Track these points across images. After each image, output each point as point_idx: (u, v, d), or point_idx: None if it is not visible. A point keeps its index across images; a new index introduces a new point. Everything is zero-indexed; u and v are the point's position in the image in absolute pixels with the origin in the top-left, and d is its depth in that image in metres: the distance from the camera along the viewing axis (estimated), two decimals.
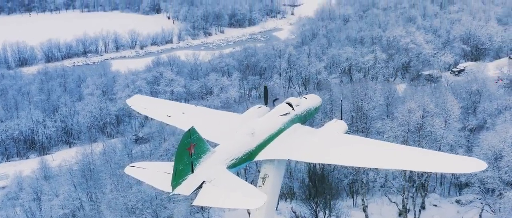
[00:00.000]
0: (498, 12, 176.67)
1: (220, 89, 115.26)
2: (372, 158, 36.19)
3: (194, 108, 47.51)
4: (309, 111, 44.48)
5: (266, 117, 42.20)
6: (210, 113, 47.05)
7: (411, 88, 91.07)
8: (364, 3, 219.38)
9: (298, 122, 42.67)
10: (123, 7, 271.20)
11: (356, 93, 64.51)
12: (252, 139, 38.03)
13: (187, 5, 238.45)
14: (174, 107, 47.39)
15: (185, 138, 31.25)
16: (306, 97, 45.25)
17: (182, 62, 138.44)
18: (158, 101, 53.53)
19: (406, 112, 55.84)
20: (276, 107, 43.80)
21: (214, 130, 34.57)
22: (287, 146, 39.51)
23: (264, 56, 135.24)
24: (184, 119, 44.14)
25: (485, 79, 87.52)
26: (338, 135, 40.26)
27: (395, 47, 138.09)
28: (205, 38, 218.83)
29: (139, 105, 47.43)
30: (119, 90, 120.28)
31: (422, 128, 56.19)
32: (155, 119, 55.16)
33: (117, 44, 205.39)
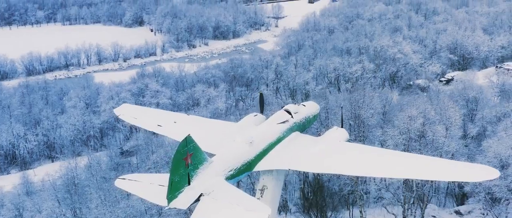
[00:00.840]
0: (483, 22, 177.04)
1: (207, 101, 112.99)
2: (378, 167, 34.04)
3: (186, 117, 45.10)
4: (308, 119, 42.34)
5: (264, 124, 39.89)
6: (203, 122, 44.65)
7: (405, 96, 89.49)
8: (348, 14, 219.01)
9: (297, 130, 40.45)
10: (105, 20, 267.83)
11: (354, 100, 62.63)
12: (250, 148, 35.73)
13: (170, 17, 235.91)
14: (165, 117, 44.94)
15: (181, 147, 28.87)
16: (305, 104, 43.07)
17: (167, 74, 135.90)
18: (148, 110, 51.01)
19: (407, 119, 53.98)
20: (274, 114, 41.52)
21: (209, 139, 32.30)
22: (287, 155, 37.26)
23: (251, 67, 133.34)
24: (176, 129, 41.70)
25: (481, 86, 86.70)
26: (340, 143, 38.16)
27: (383, 57, 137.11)
28: (189, 51, 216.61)
29: (127, 115, 44.88)
30: (103, 103, 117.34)
31: (423, 136, 54.38)
32: (145, 129, 52.77)
33: (99, 57, 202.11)
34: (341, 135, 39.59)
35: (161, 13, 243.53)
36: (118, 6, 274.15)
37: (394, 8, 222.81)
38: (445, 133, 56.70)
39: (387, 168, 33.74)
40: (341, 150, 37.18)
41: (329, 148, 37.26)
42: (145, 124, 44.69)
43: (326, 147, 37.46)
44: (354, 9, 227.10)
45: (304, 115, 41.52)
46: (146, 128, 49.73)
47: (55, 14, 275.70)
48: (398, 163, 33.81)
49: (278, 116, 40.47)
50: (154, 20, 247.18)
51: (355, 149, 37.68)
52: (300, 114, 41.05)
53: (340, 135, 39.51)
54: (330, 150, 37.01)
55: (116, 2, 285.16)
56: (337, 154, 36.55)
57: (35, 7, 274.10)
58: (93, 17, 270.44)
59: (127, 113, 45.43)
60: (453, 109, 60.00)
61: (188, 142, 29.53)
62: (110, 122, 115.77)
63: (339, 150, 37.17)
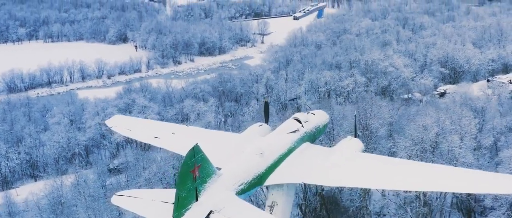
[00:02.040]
0: (472, 35, 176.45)
1: (197, 115, 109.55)
2: (401, 179, 30.77)
3: (186, 128, 41.56)
4: (318, 128, 39.01)
5: (274, 134, 36.47)
6: (205, 133, 41.03)
7: (408, 108, 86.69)
8: (335, 30, 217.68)
9: (307, 140, 37.12)
10: (88, 37, 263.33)
11: (362, 110, 59.61)
12: (261, 160, 32.36)
13: (155, 33, 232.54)
14: (162, 128, 41.35)
15: (189, 157, 25.55)
16: (314, 113, 39.74)
17: (154, 89, 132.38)
18: (142, 121, 47.27)
19: (421, 129, 50.98)
20: (284, 123, 38.16)
21: (213, 151, 28.85)
22: (300, 168, 33.89)
23: (241, 82, 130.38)
24: (176, 141, 38.17)
25: (488, 96, 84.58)
26: (356, 154, 34.94)
27: (374, 71, 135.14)
28: (175, 67, 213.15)
29: (120, 127, 41.15)
30: (88, 119, 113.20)
31: (437, 146, 51.42)
32: (140, 141, 48.87)
33: (83, 74, 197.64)
34: (356, 145, 36.29)
35: (145, 29, 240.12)
36: (101, 23, 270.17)
37: (381, 23, 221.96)
38: (460, 143, 53.89)
39: (410, 180, 30.51)
40: (357, 161, 33.88)
41: (345, 159, 33.95)
42: (140, 135, 41.03)
43: (341, 158, 34.15)
44: (341, 24, 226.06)
45: (314, 124, 38.20)
46: (141, 140, 45.95)
47: (37, 31, 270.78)
48: (420, 174, 30.63)
49: (288, 125, 37.09)
50: (138, 36, 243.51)
51: (373, 159, 34.40)
52: (310, 123, 37.73)
53: (354, 145, 36.21)
54: (346, 162, 33.71)
55: (99, 19, 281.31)
56: (354, 165, 33.25)
57: (16, 24, 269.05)
58: (76, 34, 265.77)
59: (120, 124, 41.72)
60: (468, 117, 57.30)
61: (196, 152, 26.11)
62: (95, 138, 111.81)
63: (355, 161, 33.87)
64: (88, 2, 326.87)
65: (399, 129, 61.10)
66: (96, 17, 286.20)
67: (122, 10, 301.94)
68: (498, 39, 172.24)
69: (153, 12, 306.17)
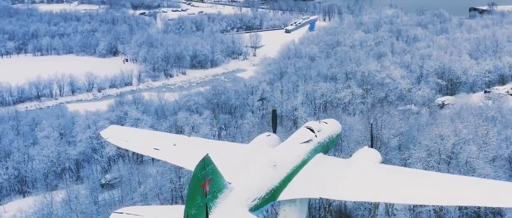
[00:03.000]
0: (467, 47, 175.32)
1: (191, 128, 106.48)
2: (428, 193, 27.94)
3: (188, 139, 38.79)
4: (331, 139, 36.29)
5: (286, 145, 33.64)
6: (209, 144, 38.23)
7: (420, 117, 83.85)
8: (329, 42, 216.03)
9: (321, 151, 34.33)
10: (78, 50, 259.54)
11: (373, 120, 56.75)
12: (274, 172, 29.41)
13: (146, 46, 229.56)
14: (161, 139, 38.57)
15: (199, 170, 22.63)
16: (326, 122, 37.13)
17: (147, 101, 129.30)
18: (140, 132, 44.08)
19: (438, 139, 48.21)
20: (296, 133, 35.42)
21: (221, 164, 26.03)
22: (315, 181, 30.99)
23: (235, 94, 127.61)
24: (178, 153, 35.37)
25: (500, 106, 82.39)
26: (374, 166, 32.22)
27: (370, 83, 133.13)
28: (166, 80, 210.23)
29: (117, 138, 38.25)
30: (79, 132, 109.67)
31: (454, 157, 48.66)
32: (139, 153, 45.75)
33: (73, 87, 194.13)
34: (373, 156, 33.54)
35: (136, 42, 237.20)
36: (91, 36, 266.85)
37: (374, 35, 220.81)
38: (478, 153, 51.19)
39: (436, 193, 27.74)
40: (377, 173, 31.19)
41: (363, 172, 31.22)
42: (138, 147, 37.95)
43: (359, 170, 31.39)
44: (334, 37, 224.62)
45: (327, 133, 35.46)
46: (140, 152, 42.87)
47: (26, 45, 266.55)
48: (448, 186, 27.92)
49: (300, 135, 34.26)
50: (129, 49, 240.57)
51: (394, 171, 31.68)
52: (324, 133, 34.98)
53: (372, 156, 33.45)
54: (365, 174, 30.97)
55: (89, 33, 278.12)
56: (374, 178, 30.54)
57: (5, 37, 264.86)
58: (66, 48, 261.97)
59: (115, 135, 38.66)
60: (485, 126, 54.70)
61: (207, 163, 23.34)
62: (86, 153, 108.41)
63: (374, 173, 31.18)
64: (78, 15, 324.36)
65: (411, 139, 58.33)
66: (86, 31, 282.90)
67: (112, 23, 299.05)
68: (494, 50, 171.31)
69: (144, 25, 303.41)
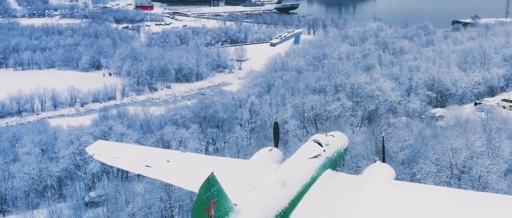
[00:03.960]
0: (455, 58, 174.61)
1: (179, 143, 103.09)
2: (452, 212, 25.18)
3: (182, 155, 35.66)
4: (339, 153, 33.14)
5: (293, 160, 30.31)
6: (206, 160, 35.07)
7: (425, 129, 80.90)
8: (315, 55, 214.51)
9: (329, 167, 31.27)
10: (60, 64, 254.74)
11: (378, 132, 53.96)
12: (283, 191, 25.92)
13: (130, 60, 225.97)
14: (153, 155, 35.30)
15: (203, 191, 19.18)
16: (333, 135, 34.11)
17: (132, 116, 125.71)
18: (129, 147, 41.03)
19: (450, 152, 45.44)
20: (303, 147, 32.15)
21: (222, 183, 23.26)
22: (327, 201, 27.66)
23: (223, 107, 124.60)
24: (173, 170, 32.16)
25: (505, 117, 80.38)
26: (390, 183, 29.27)
27: (360, 95, 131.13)
28: (151, 94, 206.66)
29: (104, 155, 34.92)
30: (61, 148, 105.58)
31: (466, 172, 45.95)
32: (129, 171, 42.62)
33: (55, 102, 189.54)
34: (387, 172, 30.61)
35: (120, 56, 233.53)
36: (73, 50, 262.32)
37: (360, 47, 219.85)
38: (492, 167, 48.49)
39: (464, 212, 25.13)
40: (393, 191, 28.29)
41: (378, 190, 28.44)
42: (128, 165, 34.82)
43: (373, 188, 28.41)
44: (320, 49, 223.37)
45: (335, 147, 32.51)
46: (130, 171, 39.67)
47: (7, 59, 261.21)
48: (473, 205, 25.20)
49: (308, 149, 31.18)
50: (112, 63, 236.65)
51: (411, 189, 28.69)
52: (332, 147, 32.00)
53: (385, 172, 30.50)
54: (380, 193, 28.20)
55: (71, 46, 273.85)
56: (390, 197, 27.65)
57: None
58: (48, 62, 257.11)
59: (103, 151, 35.54)
60: (498, 139, 52.14)
61: (212, 184, 20.14)
62: (69, 169, 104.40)
63: (391, 191, 28.30)
64: (60, 29, 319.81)
65: (416, 152, 55.46)
66: (68, 44, 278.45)
67: (95, 37, 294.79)
68: (482, 62, 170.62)
69: (128, 39, 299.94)
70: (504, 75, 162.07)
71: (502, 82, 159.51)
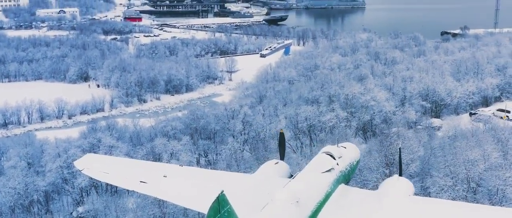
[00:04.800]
0: (448, 69, 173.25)
1: (170, 155, 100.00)
2: None
3: (180, 169, 32.69)
4: (352, 166, 30.17)
5: (305, 175, 27.21)
6: (206, 175, 32.15)
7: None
8: (306, 66, 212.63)
9: (342, 181, 28.51)
10: (47, 76, 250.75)
11: (387, 143, 51.20)
12: (297, 210, 22.72)
13: (119, 71, 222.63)
14: (148, 169, 32.26)
15: (213, 212, 15.75)
16: (345, 146, 31.30)
17: (122, 128, 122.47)
18: (121, 161, 37.79)
19: (467, 164, 42.77)
20: (314, 160, 29.14)
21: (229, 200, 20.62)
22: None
23: (215, 118, 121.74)
24: (171, 187, 29.13)
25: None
26: (410, 199, 26.50)
27: (355, 105, 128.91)
28: (140, 105, 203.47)
29: (94, 169, 31.63)
30: (48, 161, 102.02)
31: (483, 184, 43.32)
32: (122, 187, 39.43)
33: (42, 114, 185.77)
34: (406, 187, 27.83)
35: (108, 67, 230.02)
36: (61, 62, 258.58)
37: (352, 58, 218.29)
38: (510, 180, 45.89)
39: None
40: (415, 208, 25.60)
41: (398, 207, 25.81)
42: (121, 180, 31.68)
43: (393, 205, 25.78)
44: (311, 60, 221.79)
45: (348, 160, 29.68)
46: (124, 187, 36.52)
47: None
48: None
49: (320, 162, 28.27)
50: (100, 75, 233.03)
51: (434, 206, 26.05)
52: (344, 159, 29.17)
53: (404, 187, 27.74)
54: (401, 210, 25.56)
55: (59, 58, 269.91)
56: (412, 215, 25.16)
57: None
58: (35, 74, 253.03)
59: (93, 166, 32.49)
60: None
61: (222, 204, 17.01)
62: (57, 183, 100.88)
63: (412, 209, 25.62)
64: (47, 40, 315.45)
65: (426, 164, 52.80)
66: (56, 56, 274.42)
67: (83, 48, 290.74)
68: (475, 72, 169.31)
69: (116, 50, 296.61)
70: (498, 85, 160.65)
71: (496, 92, 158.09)
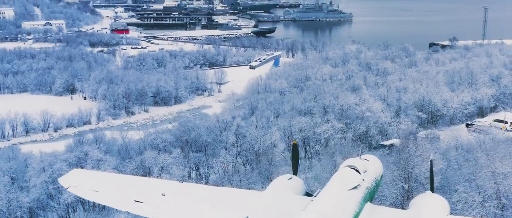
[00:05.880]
0: (442, 79, 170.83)
1: (161, 169, 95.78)
2: None
3: (180, 186, 28.65)
4: (377, 182, 26.44)
5: (329, 192, 23.05)
6: (209, 192, 28.22)
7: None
8: (298, 77, 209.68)
9: (368, 200, 24.79)
10: (33, 88, 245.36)
11: (407, 155, 47.29)
12: None
13: (106, 83, 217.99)
14: (143, 187, 28.20)
15: None
16: (367, 159, 27.48)
17: (110, 141, 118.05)
18: (112, 177, 33.18)
19: (499, 178, 39.10)
20: (337, 175, 25.16)
21: None
22: None
23: (207, 130, 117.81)
24: (171, 207, 25.24)
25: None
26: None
27: (350, 116, 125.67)
28: (128, 118, 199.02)
29: (81, 187, 27.39)
30: (32, 176, 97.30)
31: None
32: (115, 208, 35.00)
33: (27, 127, 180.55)
34: (441, 205, 23.93)
35: (95, 79, 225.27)
36: (47, 74, 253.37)
37: (343, 69, 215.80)
38: None
39: None
40: None
41: None
42: (113, 200, 27.33)
43: None
44: (302, 71, 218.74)
45: (373, 175, 25.69)
46: (117, 208, 32.16)
47: None
48: None
49: (345, 178, 24.22)
50: (87, 87, 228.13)
51: None
52: (369, 174, 25.28)
53: (439, 205, 23.77)
54: None
55: (45, 70, 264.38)
56: None
57: None
58: (20, 86, 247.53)
59: (80, 183, 28.42)
60: None
61: None
62: (41, 199, 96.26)
63: None
64: (33, 52, 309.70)
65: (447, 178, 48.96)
66: (42, 68, 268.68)
67: (69, 60, 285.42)
68: (469, 82, 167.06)
69: (103, 62, 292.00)
70: (493, 96, 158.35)
71: (492, 102, 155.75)
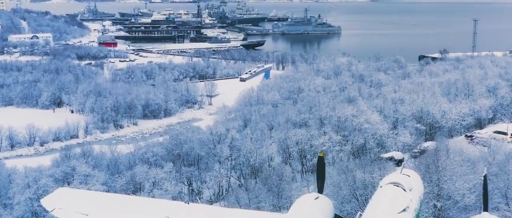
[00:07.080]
0: (438, 90, 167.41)
1: (152, 184, 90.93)
2: None
3: (187, 207, 24.16)
4: (421, 202, 22.49)
5: (375, 216, 19.53)
6: (222, 214, 23.84)
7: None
8: (290, 89, 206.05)
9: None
10: (18, 102, 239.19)
11: (434, 167, 43.04)
12: None
13: (94, 96, 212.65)
14: (143, 209, 23.63)
15: None
16: (408, 174, 23.12)
17: (98, 155, 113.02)
18: (103, 197, 28.56)
19: None
20: (382, 194, 20.49)
21: None
22: None
23: (199, 143, 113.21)
24: None
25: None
26: None
27: (347, 128, 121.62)
28: (116, 131, 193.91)
29: (68, 210, 23.05)
30: (16, 193, 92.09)
31: None
32: None
33: (12, 141, 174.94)
34: None
35: (83, 92, 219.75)
36: (33, 87, 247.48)
37: (336, 81, 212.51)
38: None
39: None
40: None
41: None
42: None
43: None
44: (295, 83, 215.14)
45: (417, 194, 21.76)
46: None
47: None
48: None
49: (391, 198, 19.89)
50: (75, 100, 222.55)
51: None
52: (415, 193, 21.41)
53: None
54: None
55: (31, 83, 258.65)
56: None
57: None
58: (5, 99, 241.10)
59: (67, 204, 23.84)
60: None
61: None
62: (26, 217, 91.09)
63: None
64: (19, 65, 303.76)
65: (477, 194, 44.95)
66: (28, 81, 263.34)
67: (56, 73, 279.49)
68: (466, 94, 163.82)
69: (91, 74, 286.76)
70: (491, 107, 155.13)
71: (490, 113, 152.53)
